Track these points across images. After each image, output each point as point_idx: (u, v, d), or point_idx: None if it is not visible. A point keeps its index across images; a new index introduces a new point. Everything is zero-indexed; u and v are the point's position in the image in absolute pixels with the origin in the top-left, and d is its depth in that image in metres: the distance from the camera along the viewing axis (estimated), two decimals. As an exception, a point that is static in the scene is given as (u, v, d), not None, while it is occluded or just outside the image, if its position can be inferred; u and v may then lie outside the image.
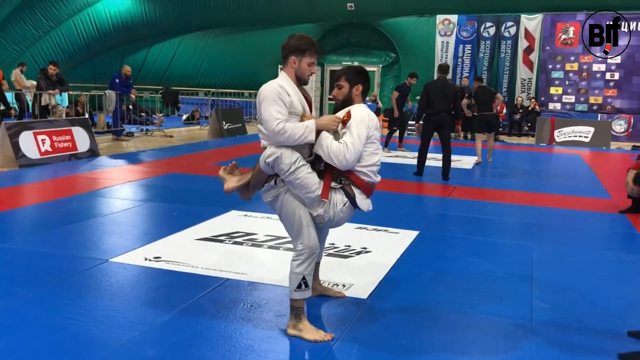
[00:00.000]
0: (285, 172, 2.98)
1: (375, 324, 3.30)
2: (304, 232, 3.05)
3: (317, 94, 19.31)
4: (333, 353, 2.94)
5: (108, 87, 12.70)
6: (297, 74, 3.17)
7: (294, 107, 3.06)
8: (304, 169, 3.01)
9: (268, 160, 3.00)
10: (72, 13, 18.15)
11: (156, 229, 5.34)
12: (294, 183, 3.01)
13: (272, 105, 2.97)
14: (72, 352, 2.83)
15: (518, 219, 6.12)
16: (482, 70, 17.82)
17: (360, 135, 3.03)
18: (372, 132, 3.13)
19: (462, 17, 17.80)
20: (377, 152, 3.20)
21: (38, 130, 8.83)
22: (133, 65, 20.35)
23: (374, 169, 3.19)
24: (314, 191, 3.03)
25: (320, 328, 3.16)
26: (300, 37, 3.19)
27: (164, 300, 3.54)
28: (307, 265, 3.04)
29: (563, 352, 3.03)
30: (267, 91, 3.03)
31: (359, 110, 3.17)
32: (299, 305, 3.07)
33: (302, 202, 3.07)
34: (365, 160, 3.13)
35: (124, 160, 9.66)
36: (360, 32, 19.24)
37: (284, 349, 2.97)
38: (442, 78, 8.71)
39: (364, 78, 3.28)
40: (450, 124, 8.55)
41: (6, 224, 5.45)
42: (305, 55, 3.15)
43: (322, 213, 3.09)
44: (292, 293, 3.06)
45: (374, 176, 3.21)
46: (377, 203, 6.47)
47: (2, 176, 7.77)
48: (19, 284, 3.74)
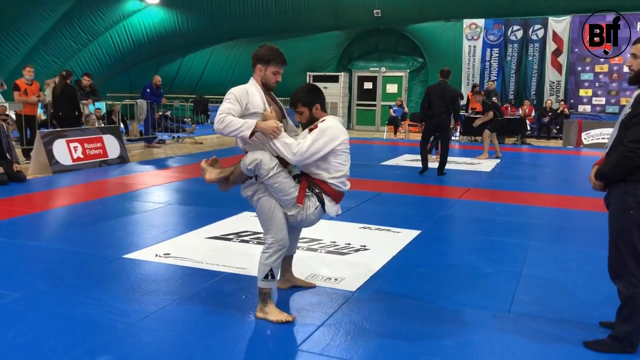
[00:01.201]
0: (264, 176, 3.28)
1: (357, 313, 3.53)
2: (275, 228, 3.35)
3: (345, 100, 19.56)
4: (313, 337, 3.18)
5: (139, 97, 13.25)
6: (263, 80, 3.49)
7: (254, 106, 3.35)
8: (282, 174, 3.31)
9: (249, 167, 3.29)
10: (108, 26, 18.89)
11: (172, 228, 5.68)
12: (272, 186, 3.31)
13: (228, 102, 3.30)
14: (78, 335, 3.15)
15: (522, 219, 6.23)
16: (510, 74, 17.78)
17: (316, 141, 3.26)
18: (339, 144, 3.33)
19: (489, 21, 17.79)
20: (346, 163, 3.43)
21: (70, 138, 9.36)
22: (167, 75, 21.12)
23: (343, 179, 3.43)
24: (289, 194, 3.32)
25: (307, 316, 3.43)
26: (268, 48, 3.50)
27: (166, 291, 3.85)
28: (276, 259, 3.35)
29: (530, 340, 3.19)
30: (231, 91, 3.37)
31: (327, 121, 3.39)
32: (265, 291, 3.39)
33: (278, 202, 3.36)
34: (335, 171, 3.38)
35: (152, 166, 10.12)
36: (387, 38, 19.42)
37: (270, 332, 3.23)
38: (443, 82, 9.17)
39: (315, 94, 3.48)
40: (448, 126, 9.11)
41: (37, 225, 5.89)
42: (270, 65, 3.47)
43: (295, 214, 3.38)
44: (259, 282, 3.38)
45: (343, 185, 3.45)
46: (386, 204, 6.75)
47: (37, 181, 8.29)
48: (40, 277, 4.11)
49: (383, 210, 6.59)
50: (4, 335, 3.15)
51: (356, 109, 20.08)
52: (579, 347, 3.12)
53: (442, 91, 8.96)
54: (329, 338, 3.19)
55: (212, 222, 5.84)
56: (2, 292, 3.79)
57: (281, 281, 3.91)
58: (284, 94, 16.87)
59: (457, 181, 8.67)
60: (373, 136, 17.45)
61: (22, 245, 4.97)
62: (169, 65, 21.43)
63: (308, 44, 19.65)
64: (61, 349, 2.99)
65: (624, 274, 2.98)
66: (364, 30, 19.34)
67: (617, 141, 2.97)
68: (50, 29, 17.33)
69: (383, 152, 13.08)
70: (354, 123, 20.11)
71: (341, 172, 3.40)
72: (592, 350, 3.07)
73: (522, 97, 17.68)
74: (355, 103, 20.03)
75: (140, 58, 20.50)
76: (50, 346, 3.02)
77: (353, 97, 19.99)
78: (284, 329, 3.28)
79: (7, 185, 7.63)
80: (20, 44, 17.09)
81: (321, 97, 3.52)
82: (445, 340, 3.18)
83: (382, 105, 19.44)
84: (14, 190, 7.41)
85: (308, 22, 19.02)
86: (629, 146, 2.86)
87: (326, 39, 19.61)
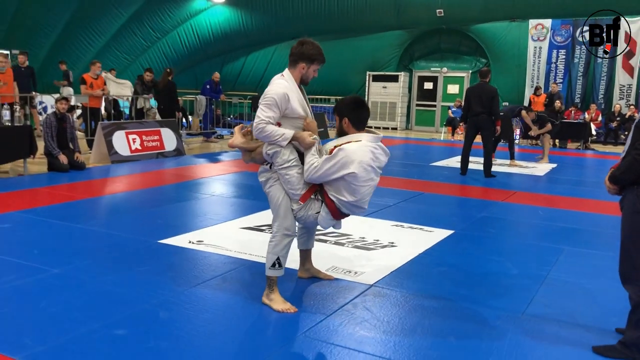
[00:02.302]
0: (279, 165, 3.39)
1: (368, 306, 3.58)
2: (282, 216, 3.47)
3: (405, 99, 19.43)
4: (320, 325, 3.26)
5: (200, 93, 13.72)
6: (303, 77, 3.56)
7: (293, 112, 3.43)
8: (296, 169, 3.40)
9: (269, 152, 3.41)
10: (176, 24, 19.63)
11: (211, 218, 5.89)
12: (283, 177, 3.42)
13: (267, 108, 3.37)
14: (100, 310, 3.38)
15: (563, 224, 6.04)
16: (577, 76, 17.15)
17: (326, 168, 3.29)
18: (348, 174, 3.28)
19: (557, 21, 17.21)
20: (353, 194, 3.34)
21: (130, 130, 9.84)
22: (231, 73, 21.69)
23: (347, 205, 3.38)
24: (297, 190, 3.42)
25: (318, 305, 3.52)
26: (313, 46, 3.51)
27: (190, 276, 4.04)
28: (282, 247, 3.47)
29: (538, 342, 3.15)
30: (272, 94, 3.39)
31: (351, 145, 3.33)
32: (272, 280, 3.50)
33: (287, 193, 3.47)
34: (337, 193, 3.38)
35: (206, 159, 10.47)
36: (449, 38, 19.13)
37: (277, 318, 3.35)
38: (483, 82, 9.11)
39: (350, 108, 3.46)
40: (488, 126, 8.92)
41: (87, 209, 6.26)
42: (314, 64, 3.54)
43: (297, 210, 3.47)
44: (267, 270, 3.50)
45: (346, 209, 3.42)
46: (425, 204, 6.73)
47: (96, 170, 8.78)
48: (78, 256, 4.40)
49: (420, 209, 6.57)
50: (37, 305, 3.43)
51: (415, 109, 19.91)
52: (588, 351, 3.05)
53: (480, 92, 8.93)
54: (335, 327, 3.26)
55: (250, 213, 6.03)
56: (43, 267, 4.09)
57: (302, 270, 4.03)
58: (341, 93, 17.13)
59: (504, 184, 8.50)
60: (432, 137, 17.27)
61: (70, 227, 5.31)
62: (233, 63, 21.99)
63: (369, 43, 19.66)
64: (82, 320, 3.21)
65: (634, 279, 2.90)
66: (426, 30, 19.15)
67: (630, 145, 2.89)
68: (122, 27, 18.20)
69: (436, 153, 12.95)
70: (413, 123, 19.95)
71: (344, 198, 3.37)
72: (601, 355, 3.00)
73: (590, 101, 17.01)
74: (415, 103, 19.86)
75: (206, 55, 21.15)
76: (73, 317, 3.25)
77: (413, 97, 19.83)
78: (291, 316, 3.38)
79: (68, 173, 8.13)
80: (94, 41, 18.06)
81: (355, 113, 3.45)
82: (449, 338, 3.19)
83: (442, 106, 19.18)
84: (73, 177, 7.88)
85: (370, 21, 19.02)
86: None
87: (387, 38, 19.53)
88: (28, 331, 3.07)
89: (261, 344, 3.09)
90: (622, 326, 3.29)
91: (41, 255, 4.38)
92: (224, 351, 2.95)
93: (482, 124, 8.93)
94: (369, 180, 3.37)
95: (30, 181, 7.62)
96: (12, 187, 7.11)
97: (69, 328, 3.11)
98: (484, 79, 9.12)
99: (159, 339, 3.03)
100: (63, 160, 8.16)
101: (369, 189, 3.41)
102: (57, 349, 2.88)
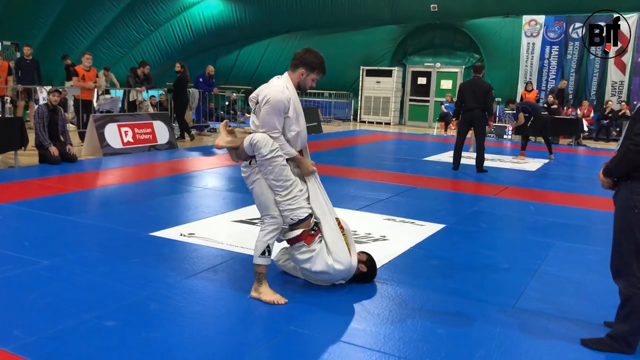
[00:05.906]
0: (263, 156, 3.38)
1: (358, 299, 3.59)
2: (270, 208, 3.48)
3: (398, 94, 19.45)
4: (307, 317, 3.27)
5: (193, 86, 13.66)
6: (300, 83, 3.58)
7: (291, 112, 3.48)
8: (280, 160, 3.42)
9: (252, 142, 3.40)
10: (169, 17, 19.54)
11: (202, 211, 5.88)
12: (267, 168, 3.41)
13: (276, 115, 3.42)
14: (91, 302, 3.37)
15: (554, 218, 6.08)
16: (569, 73, 17.20)
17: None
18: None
19: (550, 17, 17.25)
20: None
21: (122, 122, 9.79)
22: (224, 67, 21.61)
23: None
24: (280, 181, 3.44)
25: (306, 298, 3.52)
26: (316, 55, 3.57)
27: (180, 268, 4.04)
28: (273, 236, 3.49)
29: (526, 335, 3.17)
30: (276, 102, 3.42)
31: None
32: (261, 270, 3.51)
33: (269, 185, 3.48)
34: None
35: (199, 152, 10.45)
36: (443, 33, 19.13)
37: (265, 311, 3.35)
38: (477, 77, 9.10)
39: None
40: (481, 121, 8.94)
41: (79, 201, 6.23)
42: (313, 72, 3.57)
43: (280, 201, 3.51)
44: (256, 258, 3.50)
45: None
46: (416, 198, 6.75)
47: (87, 162, 8.74)
48: (69, 248, 4.38)
49: (412, 203, 6.59)
50: (27, 297, 3.42)
51: (409, 105, 19.92)
52: (576, 344, 3.08)
53: (474, 87, 8.92)
54: (325, 319, 3.27)
55: (242, 206, 6.02)
56: (33, 259, 4.07)
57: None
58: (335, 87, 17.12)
59: (496, 179, 8.52)
60: (425, 132, 17.29)
61: (61, 219, 5.29)
62: (226, 56, 21.91)
63: (363, 38, 19.63)
64: (73, 312, 3.20)
65: (624, 274, 2.92)
66: (419, 25, 19.14)
67: (625, 137, 2.90)
68: (114, 19, 18.10)
69: (429, 148, 12.98)
70: (406, 118, 19.97)
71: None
72: (589, 348, 3.02)
73: (582, 97, 17.08)
74: (409, 98, 19.87)
75: (199, 49, 21.06)
76: (63, 309, 3.24)
77: (406, 92, 19.84)
78: (281, 308, 3.39)
79: (59, 165, 8.09)
80: (87, 33, 17.95)
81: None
82: (439, 330, 3.20)
83: (436, 101, 19.20)
84: (64, 170, 7.84)
85: (363, 16, 19.00)
86: (634, 139, 2.79)
87: (381, 33, 19.51)
88: (18, 323, 3.06)
89: (251, 335, 3.09)
90: (611, 319, 3.32)
91: (32, 247, 4.36)
92: (215, 342, 2.96)
93: (476, 119, 8.95)
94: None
95: (21, 173, 7.58)
96: (3, 179, 7.07)
97: (59, 319, 3.10)
98: (478, 74, 9.13)
99: (149, 330, 3.03)
100: (54, 151, 8.11)
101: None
102: (47, 340, 2.87)
